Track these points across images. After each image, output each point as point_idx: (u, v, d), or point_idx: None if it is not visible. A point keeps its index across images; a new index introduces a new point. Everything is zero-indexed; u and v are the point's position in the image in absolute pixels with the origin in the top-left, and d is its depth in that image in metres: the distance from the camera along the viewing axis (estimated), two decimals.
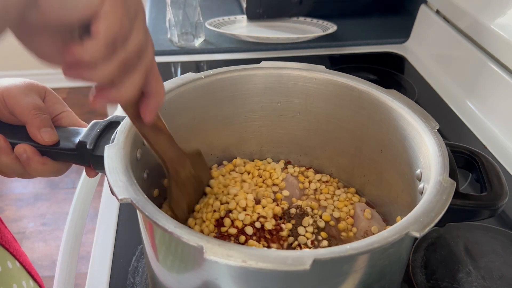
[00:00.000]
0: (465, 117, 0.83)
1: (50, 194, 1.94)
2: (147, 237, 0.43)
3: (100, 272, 0.55)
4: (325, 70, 0.55)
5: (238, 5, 1.23)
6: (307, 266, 0.32)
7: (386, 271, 0.41)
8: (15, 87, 0.47)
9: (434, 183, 0.40)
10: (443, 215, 0.37)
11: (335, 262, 0.36)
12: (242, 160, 0.59)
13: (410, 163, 0.48)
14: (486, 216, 0.44)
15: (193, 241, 0.33)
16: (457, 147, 0.48)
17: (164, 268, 0.43)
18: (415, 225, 0.35)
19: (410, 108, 0.49)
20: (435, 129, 0.46)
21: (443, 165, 0.41)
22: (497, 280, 0.53)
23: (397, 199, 0.51)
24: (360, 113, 0.54)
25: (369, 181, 0.56)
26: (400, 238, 0.35)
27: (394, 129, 0.50)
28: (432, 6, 1.03)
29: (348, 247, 0.34)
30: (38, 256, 1.67)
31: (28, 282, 0.57)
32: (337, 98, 0.55)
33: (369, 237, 0.35)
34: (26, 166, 0.47)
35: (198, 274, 0.39)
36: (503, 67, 0.79)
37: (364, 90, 0.53)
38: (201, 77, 0.53)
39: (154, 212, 0.36)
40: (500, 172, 0.46)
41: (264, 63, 0.57)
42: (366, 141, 0.55)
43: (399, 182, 0.51)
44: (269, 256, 0.33)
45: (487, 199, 0.43)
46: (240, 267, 0.32)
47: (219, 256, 0.32)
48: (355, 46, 1.07)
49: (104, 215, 0.63)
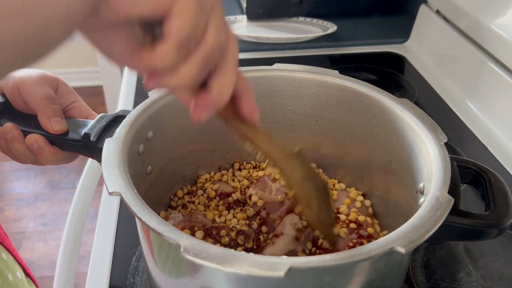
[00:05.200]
0: (465, 117, 0.83)
1: (50, 194, 1.94)
2: (143, 235, 0.43)
3: (100, 272, 0.55)
4: (338, 75, 0.54)
5: (238, 5, 1.23)
6: (281, 273, 0.31)
7: (375, 284, 0.39)
8: (29, 77, 0.50)
9: (431, 198, 0.38)
10: (436, 232, 0.35)
11: (313, 272, 0.34)
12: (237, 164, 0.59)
13: (416, 176, 0.46)
14: (488, 237, 0.41)
15: (172, 239, 0.33)
16: (465, 162, 0.45)
17: (157, 267, 0.43)
18: (401, 240, 0.33)
19: (419, 119, 0.47)
20: (443, 141, 0.44)
21: (444, 180, 0.39)
22: (497, 280, 0.53)
23: (403, 212, 0.49)
24: (371, 121, 0.53)
25: (378, 190, 0.55)
26: (384, 253, 0.33)
27: (403, 139, 0.49)
28: (432, 6, 1.03)
29: (328, 257, 0.33)
30: (38, 256, 1.67)
31: (22, 274, 0.57)
32: (349, 104, 0.54)
33: (351, 249, 0.34)
34: (38, 155, 0.49)
35: (181, 274, 0.39)
36: (503, 67, 0.79)
37: (376, 98, 0.51)
38: None
39: (140, 207, 0.36)
40: (508, 192, 0.42)
41: (277, 65, 0.56)
42: (376, 150, 0.53)
43: (405, 194, 0.49)
44: (245, 260, 0.32)
45: (489, 219, 0.40)
46: (215, 268, 0.32)
47: (195, 256, 0.32)
48: (355, 46, 1.07)
49: (104, 215, 0.63)
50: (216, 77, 0.33)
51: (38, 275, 1.58)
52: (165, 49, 0.29)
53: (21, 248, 1.69)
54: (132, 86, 0.91)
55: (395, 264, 0.40)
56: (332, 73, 0.55)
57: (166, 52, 0.30)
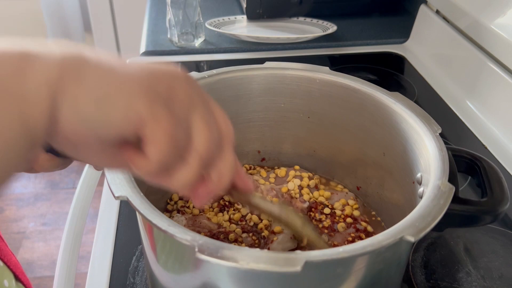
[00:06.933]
0: (465, 117, 0.83)
1: (50, 194, 1.94)
2: (146, 236, 0.43)
3: (100, 272, 0.55)
4: (329, 71, 0.55)
5: (238, 5, 1.23)
6: (298, 268, 0.31)
7: (382, 275, 0.40)
8: None
9: (432, 187, 0.39)
10: (440, 220, 0.36)
11: (327, 264, 0.35)
12: None
13: (411, 167, 0.48)
14: (486, 222, 0.43)
15: (186, 240, 0.33)
16: (459, 151, 0.47)
17: (162, 267, 0.43)
18: (410, 229, 0.35)
19: (412, 111, 0.48)
20: (437, 132, 0.45)
21: (443, 169, 0.41)
22: (497, 280, 0.53)
23: (398, 203, 0.51)
24: (364, 115, 0.53)
25: (372, 183, 0.56)
26: (395, 242, 0.34)
27: (396, 132, 0.50)
28: (432, 6, 1.03)
29: (341, 250, 0.33)
30: (38, 256, 1.67)
31: (11, 281, 0.57)
32: (341, 99, 0.55)
33: (363, 241, 0.35)
34: (32, 162, 0.47)
35: (193, 274, 0.39)
36: (503, 67, 0.79)
37: (367, 92, 0.52)
38: (205, 76, 0.53)
39: (149, 210, 0.36)
40: (502, 178, 0.44)
41: (268, 63, 0.57)
42: (369, 144, 0.54)
43: (400, 185, 0.50)
44: (261, 257, 0.32)
45: (487, 205, 0.42)
46: (231, 267, 0.32)
47: (211, 256, 0.32)
48: (355, 46, 1.07)
49: (104, 215, 0.63)
50: (214, 167, 0.32)
51: (38, 275, 1.58)
52: (148, 165, 0.28)
53: (21, 248, 1.69)
54: None
55: (401, 252, 0.42)
56: (323, 69, 0.55)
57: (152, 167, 0.28)
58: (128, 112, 0.26)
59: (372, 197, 0.56)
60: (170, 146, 0.27)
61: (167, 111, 0.27)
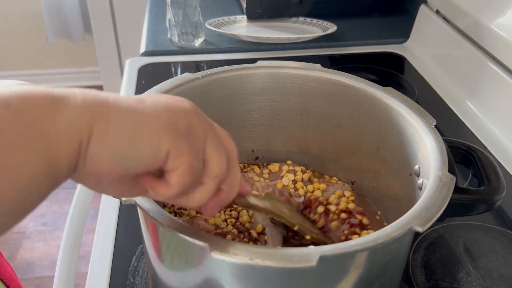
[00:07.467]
0: (465, 117, 0.83)
1: (50, 194, 1.94)
2: (149, 237, 0.43)
3: (100, 272, 0.55)
4: (321, 68, 0.55)
5: (238, 5, 1.23)
6: (313, 263, 0.32)
7: (387, 268, 0.41)
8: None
9: (434, 178, 0.40)
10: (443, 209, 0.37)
11: (340, 258, 0.36)
12: None
13: (408, 160, 0.48)
14: (483, 210, 0.45)
15: (199, 241, 0.34)
16: (455, 143, 0.48)
17: (166, 267, 0.43)
18: (417, 220, 0.36)
19: (407, 106, 0.49)
20: (432, 125, 0.46)
21: (442, 160, 0.42)
22: (497, 280, 0.53)
23: (395, 195, 0.52)
24: (358, 111, 0.54)
25: (367, 178, 0.56)
26: (403, 234, 0.35)
27: (392, 126, 0.50)
28: (432, 6, 1.03)
29: (353, 243, 0.34)
30: (38, 256, 1.67)
31: None
32: (334, 96, 0.55)
33: (372, 233, 0.35)
34: None
35: (201, 273, 0.39)
36: (503, 67, 0.79)
37: (360, 88, 0.53)
38: (198, 77, 0.54)
39: (158, 213, 0.37)
40: (497, 167, 0.46)
41: (260, 62, 0.57)
42: (364, 139, 0.55)
43: (397, 178, 0.51)
44: (275, 253, 0.33)
45: (485, 194, 0.44)
46: (245, 265, 0.33)
47: (225, 254, 0.33)
48: (355, 46, 1.07)
49: (104, 215, 0.63)
50: (224, 181, 0.35)
51: (38, 275, 1.58)
52: (172, 192, 0.31)
53: (21, 248, 1.69)
54: (132, 86, 0.91)
55: (406, 244, 0.43)
56: (316, 67, 0.56)
57: (173, 193, 0.31)
58: (158, 148, 0.29)
59: (366, 190, 0.57)
60: (191, 174, 0.31)
61: (187, 145, 0.30)
